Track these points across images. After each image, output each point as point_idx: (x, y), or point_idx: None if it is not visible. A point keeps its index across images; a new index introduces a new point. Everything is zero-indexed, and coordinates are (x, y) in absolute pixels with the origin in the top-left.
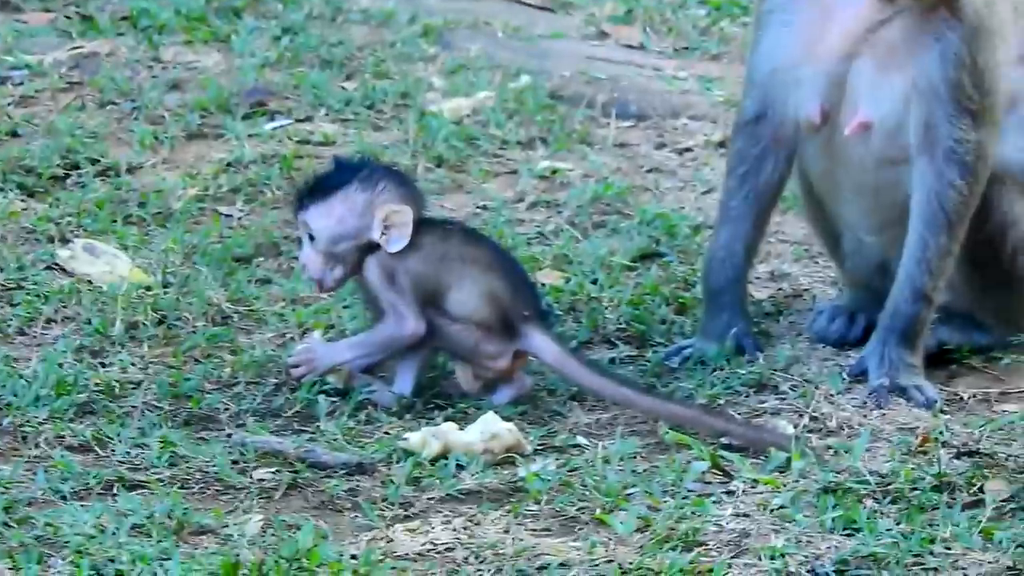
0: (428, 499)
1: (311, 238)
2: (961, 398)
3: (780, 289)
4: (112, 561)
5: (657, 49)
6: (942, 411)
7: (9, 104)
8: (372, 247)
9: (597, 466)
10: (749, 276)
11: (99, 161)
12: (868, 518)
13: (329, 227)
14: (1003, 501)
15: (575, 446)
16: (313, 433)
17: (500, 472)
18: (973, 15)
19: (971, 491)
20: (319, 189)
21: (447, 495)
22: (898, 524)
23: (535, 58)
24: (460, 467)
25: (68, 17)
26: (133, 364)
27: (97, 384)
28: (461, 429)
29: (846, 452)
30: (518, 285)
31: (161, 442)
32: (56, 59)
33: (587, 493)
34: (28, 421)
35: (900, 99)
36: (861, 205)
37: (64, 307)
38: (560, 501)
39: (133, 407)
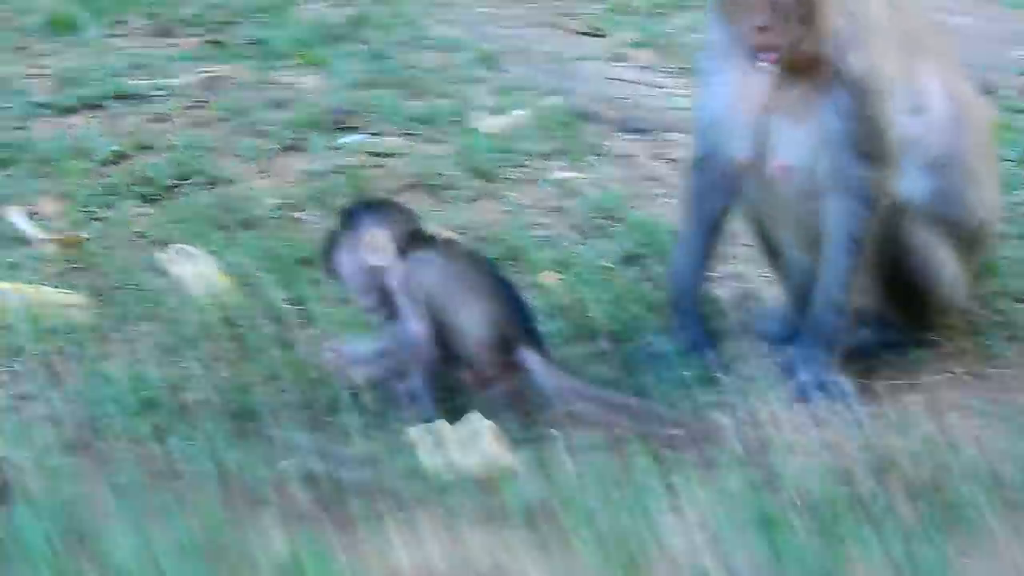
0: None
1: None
2: (875, 391)
3: (737, 288)
4: None
5: (665, 70)
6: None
7: (148, 120)
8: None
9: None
10: (702, 286)
11: (206, 173)
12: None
13: (342, 273)
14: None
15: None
16: (335, 425)
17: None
18: (856, 79)
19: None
20: (326, 247)
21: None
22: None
23: (566, 79)
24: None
25: (209, 42)
26: (199, 361)
27: (165, 381)
28: (452, 424)
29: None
30: (514, 309)
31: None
32: (188, 81)
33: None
34: (103, 416)
35: (810, 146)
36: (792, 230)
37: (154, 307)
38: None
39: (188, 404)
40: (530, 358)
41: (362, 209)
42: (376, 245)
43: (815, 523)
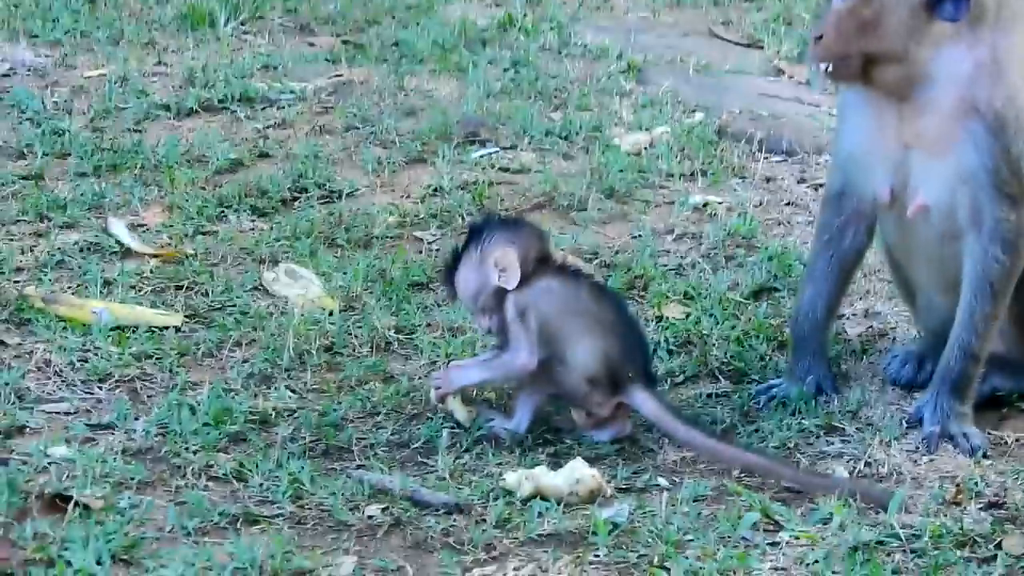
0: (510, 542)
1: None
2: (1005, 441)
3: (870, 327)
4: None
5: (821, 90)
6: (985, 456)
7: (269, 126)
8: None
9: (664, 512)
10: (831, 327)
11: (324, 186)
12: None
13: (463, 290)
14: (1016, 557)
15: (656, 486)
16: (431, 467)
17: (577, 517)
18: (994, 112)
19: (989, 547)
20: (449, 263)
21: (527, 539)
22: None
23: (714, 94)
24: (543, 512)
25: (345, 43)
26: (294, 392)
27: (253, 414)
28: (553, 470)
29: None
30: (631, 347)
31: (289, 476)
32: (318, 85)
33: (650, 540)
34: (183, 450)
35: (948, 185)
36: (930, 271)
37: (253, 331)
38: (623, 549)
39: (276, 440)
40: (641, 398)
41: (493, 226)
42: (503, 264)
43: None
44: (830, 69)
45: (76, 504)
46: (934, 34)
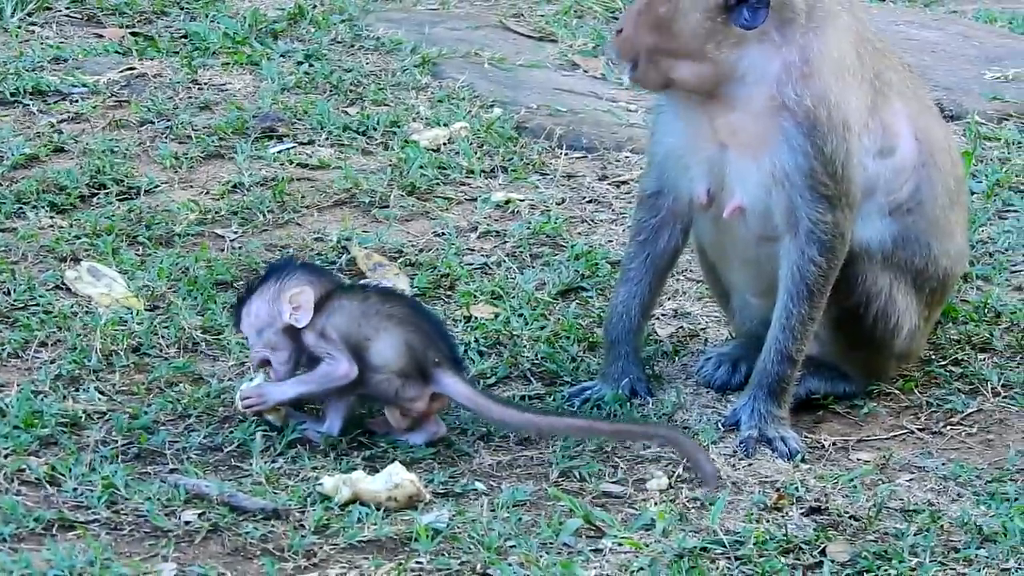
0: (330, 548)
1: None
2: (823, 445)
3: (680, 327)
4: None
5: (616, 81)
6: (803, 461)
7: (63, 121)
8: (295, 328)
9: (484, 518)
10: (644, 328)
11: (123, 182)
12: None
13: (251, 324)
14: (842, 564)
15: (474, 491)
16: (246, 471)
17: (398, 522)
18: (804, 110)
19: (814, 553)
20: (243, 297)
21: (348, 545)
22: None
23: (511, 89)
24: (362, 517)
25: (134, 34)
26: (103, 394)
27: (64, 416)
28: (371, 475)
29: (709, 506)
30: (430, 335)
31: (104, 481)
32: (111, 79)
33: (471, 547)
34: None
35: (764, 186)
36: (746, 273)
37: (58, 331)
38: (445, 556)
39: (88, 443)
40: (451, 383)
41: (293, 266)
42: (299, 302)
43: None
44: (636, 76)
45: None
46: (736, 35)
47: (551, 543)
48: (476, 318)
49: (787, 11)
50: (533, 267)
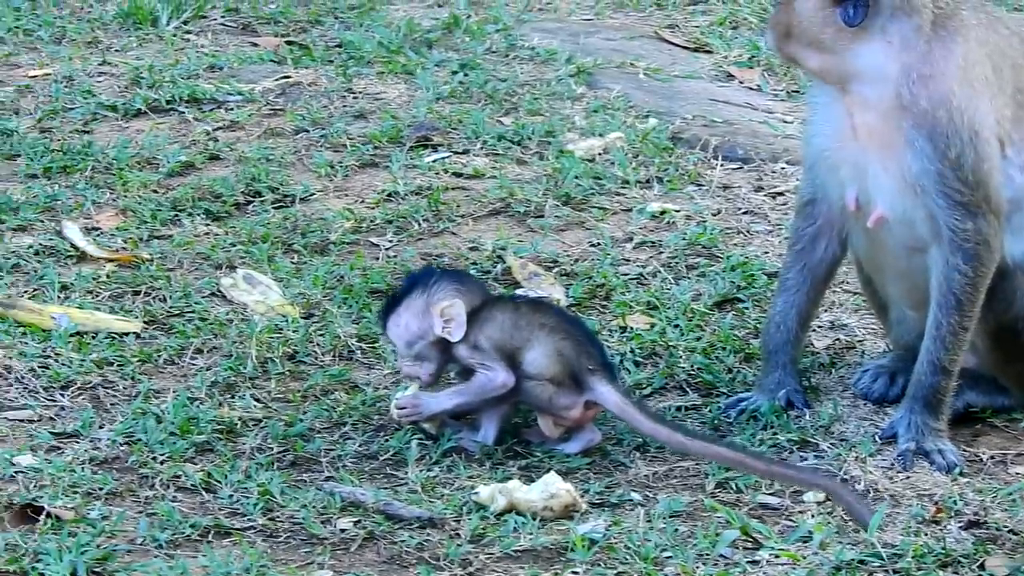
0: (486, 557)
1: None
2: (981, 458)
3: (837, 340)
4: None
5: (772, 92)
6: (962, 473)
7: (218, 128)
8: (446, 341)
9: (641, 528)
10: (803, 339)
11: (278, 189)
12: None
13: (400, 336)
14: None
15: (629, 501)
16: (402, 479)
17: (554, 532)
18: (923, 113)
19: (973, 567)
20: (389, 306)
21: (504, 554)
22: None
23: (666, 99)
24: (518, 527)
25: (289, 43)
26: (259, 401)
27: (219, 423)
28: (526, 484)
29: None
30: (582, 342)
31: (260, 488)
32: (266, 87)
33: (627, 557)
34: (151, 460)
35: (900, 193)
36: (901, 285)
37: (214, 338)
38: (601, 567)
39: (244, 451)
40: (605, 392)
41: (437, 277)
42: (450, 315)
43: None
44: (772, 46)
45: (48, 515)
46: (849, 31)
47: (707, 554)
48: (632, 329)
49: (911, 17)
50: (689, 278)
